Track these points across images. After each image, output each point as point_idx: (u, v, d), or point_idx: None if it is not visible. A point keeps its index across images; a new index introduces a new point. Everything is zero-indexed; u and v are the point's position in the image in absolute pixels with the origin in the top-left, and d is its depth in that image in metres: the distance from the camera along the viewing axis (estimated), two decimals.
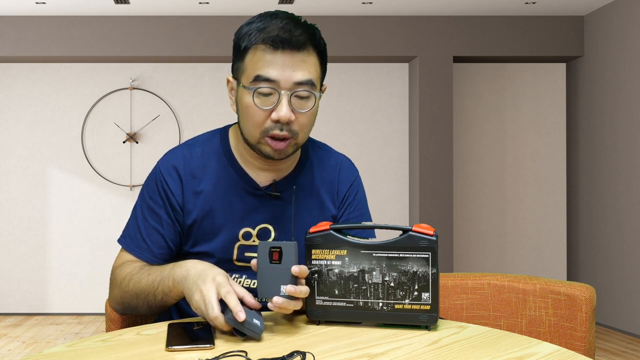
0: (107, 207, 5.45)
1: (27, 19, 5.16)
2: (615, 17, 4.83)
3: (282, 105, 1.24)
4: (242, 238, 1.35)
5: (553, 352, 1.03)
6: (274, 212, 1.37)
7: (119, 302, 1.35)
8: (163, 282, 1.24)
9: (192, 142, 1.41)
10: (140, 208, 1.38)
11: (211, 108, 5.49)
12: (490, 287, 1.62)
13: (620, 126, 4.75)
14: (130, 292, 1.30)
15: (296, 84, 1.24)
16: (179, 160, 1.37)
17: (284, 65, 1.23)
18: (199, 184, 1.36)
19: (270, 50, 1.23)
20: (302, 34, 1.24)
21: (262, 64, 1.23)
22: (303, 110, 1.26)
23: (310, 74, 1.25)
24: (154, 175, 1.38)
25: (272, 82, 1.23)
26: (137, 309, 1.32)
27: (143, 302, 1.29)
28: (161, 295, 1.24)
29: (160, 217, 1.36)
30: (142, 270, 1.30)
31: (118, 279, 1.34)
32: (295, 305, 1.12)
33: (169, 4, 4.87)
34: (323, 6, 4.97)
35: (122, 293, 1.32)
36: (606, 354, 4.14)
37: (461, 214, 5.54)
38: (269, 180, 1.37)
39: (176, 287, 1.21)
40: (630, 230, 4.63)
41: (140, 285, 1.28)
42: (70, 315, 5.41)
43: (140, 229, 1.36)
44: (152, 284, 1.26)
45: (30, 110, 5.46)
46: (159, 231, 1.35)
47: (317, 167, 1.43)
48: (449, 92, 5.23)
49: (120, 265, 1.36)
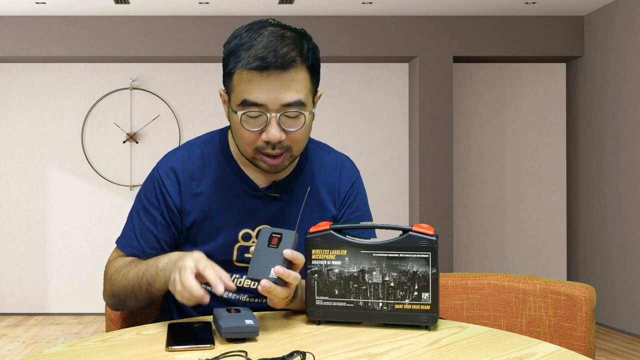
0: (107, 207, 5.45)
1: (27, 19, 5.16)
2: (615, 17, 4.83)
3: (271, 127, 1.23)
4: (241, 239, 1.35)
5: (553, 352, 1.03)
6: (273, 213, 1.37)
7: (110, 296, 1.36)
8: (147, 271, 1.24)
9: (191, 143, 1.42)
10: (136, 209, 1.40)
11: (211, 108, 5.49)
12: (490, 287, 1.62)
13: (620, 126, 4.75)
14: (119, 284, 1.31)
15: (284, 105, 1.22)
16: (177, 162, 1.37)
17: (270, 88, 1.20)
18: (198, 185, 1.36)
19: (255, 74, 1.20)
20: (289, 51, 1.20)
21: (248, 88, 1.22)
22: (293, 128, 1.25)
23: (299, 93, 1.23)
24: (151, 177, 1.39)
25: (259, 106, 1.22)
26: (126, 302, 1.33)
27: (130, 294, 1.29)
28: (146, 285, 1.25)
29: (155, 218, 1.36)
30: (131, 263, 1.32)
31: (109, 273, 1.36)
32: (282, 291, 1.12)
33: (169, 4, 4.87)
34: (323, 6, 4.97)
35: (111, 286, 1.34)
36: (606, 354, 4.14)
37: (461, 214, 5.54)
38: (268, 181, 1.37)
39: (159, 274, 1.21)
40: (630, 230, 4.63)
41: (127, 277, 1.29)
42: (70, 315, 5.41)
43: (135, 230, 1.38)
44: (138, 274, 1.27)
45: (30, 110, 5.46)
46: (153, 232, 1.36)
47: (317, 167, 1.43)
48: (449, 92, 5.23)
49: (112, 260, 1.39)
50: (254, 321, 1.09)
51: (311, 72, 1.26)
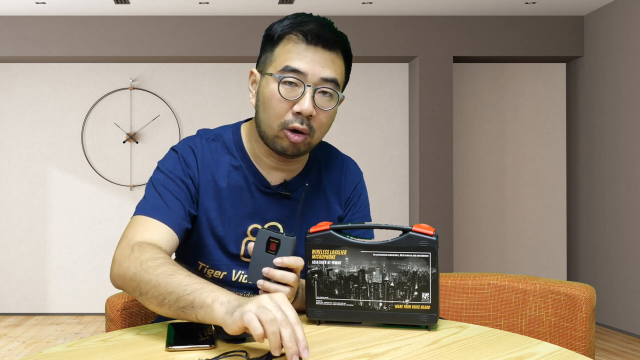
0: (107, 207, 5.45)
1: (27, 19, 5.16)
2: (615, 17, 4.83)
3: (306, 99, 1.25)
4: (250, 234, 1.36)
5: (553, 352, 1.03)
6: (284, 211, 1.37)
7: (126, 278, 1.16)
8: (200, 294, 1.03)
9: (205, 134, 1.41)
10: (158, 180, 1.31)
11: (211, 108, 5.49)
12: (490, 287, 1.62)
13: (620, 126, 4.75)
14: (152, 277, 1.10)
15: (323, 79, 1.26)
16: (197, 146, 1.37)
17: (314, 60, 1.25)
18: (211, 174, 1.36)
19: (303, 42, 1.26)
20: (335, 36, 1.27)
21: (293, 55, 1.26)
22: (325, 108, 1.28)
23: (337, 74, 1.28)
24: (171, 155, 1.36)
25: (300, 74, 1.25)
26: (144, 297, 1.12)
27: (159, 296, 1.09)
28: (186, 302, 1.04)
29: (181, 188, 1.31)
30: (173, 262, 1.14)
31: (139, 256, 1.15)
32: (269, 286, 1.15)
33: (169, 4, 4.87)
34: (323, 6, 4.97)
35: (138, 270, 1.13)
36: (606, 354, 4.14)
37: (461, 214, 5.54)
38: (279, 179, 1.38)
39: (214, 307, 1.00)
40: (630, 230, 4.63)
41: (171, 278, 1.08)
42: (70, 315, 5.41)
43: (163, 197, 1.28)
44: (186, 288, 1.05)
45: (30, 110, 5.46)
46: (181, 201, 1.29)
47: (324, 167, 1.45)
48: (449, 92, 5.23)
49: (142, 241, 1.20)
50: None
51: (346, 64, 1.32)
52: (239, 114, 5.50)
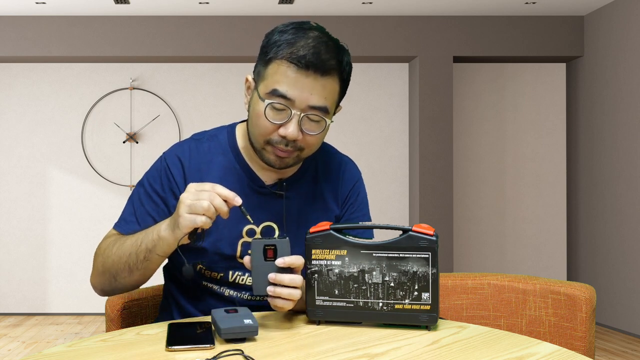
0: (107, 207, 5.45)
1: (27, 19, 5.16)
2: (615, 17, 4.83)
3: (292, 124, 1.24)
4: (245, 235, 1.35)
5: (553, 352, 1.03)
6: (279, 211, 1.37)
7: (100, 273, 1.32)
8: (147, 237, 1.23)
9: (199, 136, 1.42)
10: (137, 193, 1.39)
11: (211, 108, 5.49)
12: (490, 287, 1.62)
13: (620, 126, 4.75)
14: (113, 255, 1.28)
15: (310, 107, 1.24)
16: (185, 153, 1.38)
17: (303, 87, 1.23)
18: (203, 178, 1.36)
19: (294, 68, 1.23)
20: (330, 59, 1.24)
21: (282, 80, 1.23)
22: (312, 132, 1.27)
23: (327, 100, 1.26)
24: (157, 164, 1.39)
25: (287, 100, 1.23)
26: (117, 278, 1.29)
27: (124, 265, 1.26)
28: (144, 252, 1.23)
29: (157, 204, 1.36)
30: (127, 236, 1.31)
31: (102, 248, 1.33)
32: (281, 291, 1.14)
33: (169, 4, 4.87)
34: (323, 6, 4.97)
35: (103, 260, 1.31)
36: (606, 354, 4.14)
37: (461, 214, 5.54)
38: (274, 179, 1.38)
39: (161, 235, 1.20)
40: (630, 230, 4.63)
41: (123, 247, 1.27)
42: (70, 315, 5.41)
43: (136, 213, 1.37)
44: (135, 242, 1.25)
45: (30, 110, 5.46)
46: (154, 218, 1.35)
47: (321, 167, 1.45)
48: (449, 92, 5.23)
49: (106, 237, 1.37)
50: (252, 320, 1.09)
51: (342, 84, 1.29)
52: (239, 114, 5.50)
